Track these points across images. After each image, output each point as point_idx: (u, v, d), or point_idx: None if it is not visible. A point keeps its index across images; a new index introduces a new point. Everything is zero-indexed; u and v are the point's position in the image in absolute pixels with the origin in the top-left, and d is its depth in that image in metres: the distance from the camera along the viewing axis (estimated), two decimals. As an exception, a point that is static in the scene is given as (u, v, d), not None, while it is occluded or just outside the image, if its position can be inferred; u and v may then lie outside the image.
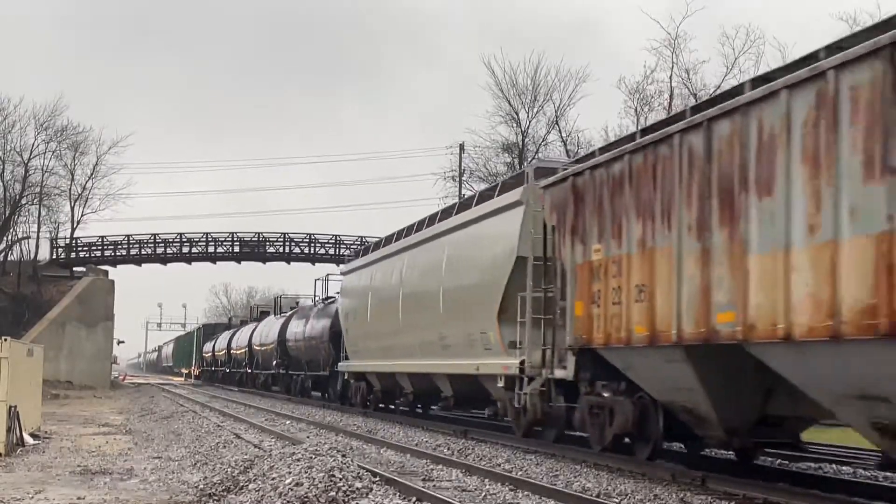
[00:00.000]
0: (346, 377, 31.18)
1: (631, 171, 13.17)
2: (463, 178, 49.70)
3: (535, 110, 49.95)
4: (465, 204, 22.21)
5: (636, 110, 43.50)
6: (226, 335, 64.53)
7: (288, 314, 45.06)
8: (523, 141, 49.91)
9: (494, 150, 50.40)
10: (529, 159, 46.52)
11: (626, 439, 14.50)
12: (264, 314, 57.35)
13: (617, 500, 10.90)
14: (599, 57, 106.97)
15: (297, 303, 49.76)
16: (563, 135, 48.77)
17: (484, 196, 20.87)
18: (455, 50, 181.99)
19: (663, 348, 12.21)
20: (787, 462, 14.36)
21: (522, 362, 16.99)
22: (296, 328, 40.55)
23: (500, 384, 18.26)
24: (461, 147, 50.18)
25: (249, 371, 53.39)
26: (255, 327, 52.59)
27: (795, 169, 9.77)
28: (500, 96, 49.94)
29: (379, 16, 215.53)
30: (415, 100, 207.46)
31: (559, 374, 15.56)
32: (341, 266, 34.26)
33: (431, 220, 23.96)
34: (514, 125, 50.05)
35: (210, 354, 70.05)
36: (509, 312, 17.82)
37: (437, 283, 21.99)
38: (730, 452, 15.05)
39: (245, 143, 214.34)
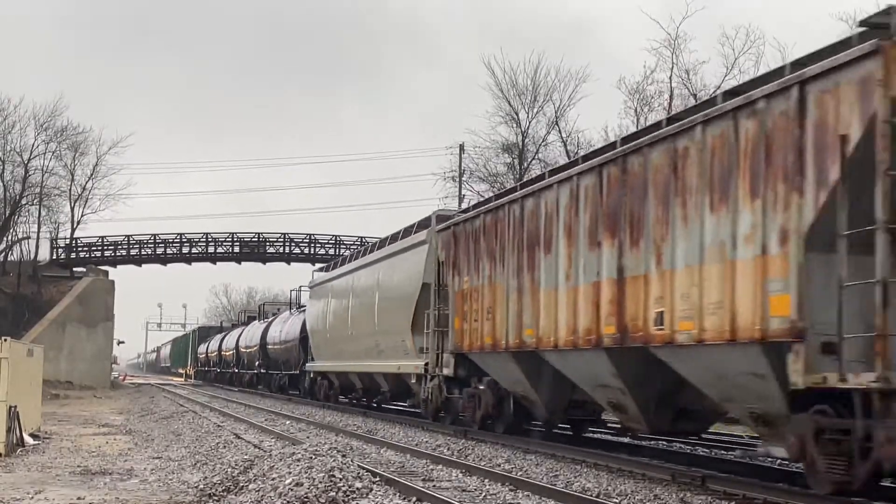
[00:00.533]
0: (311, 375, 36.43)
1: (484, 226, 18.57)
2: (463, 179, 49.72)
3: (535, 111, 49.99)
4: (394, 237, 27.21)
5: (636, 110, 43.52)
6: (218, 338, 68.32)
7: (269, 320, 49.66)
8: (523, 141, 49.93)
9: (494, 150, 50.39)
10: (529, 159, 46.64)
11: (489, 420, 19.42)
12: (251, 319, 61.05)
13: (617, 501, 10.89)
14: (599, 57, 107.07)
15: (279, 309, 53.31)
16: (563, 135, 48.80)
17: (406, 232, 25.88)
18: (455, 50, 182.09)
19: (501, 353, 17.50)
20: (787, 462, 14.36)
21: (426, 363, 21.91)
22: (274, 332, 45.46)
23: (414, 380, 23.49)
24: (461, 147, 50.19)
25: (237, 371, 57.84)
26: (242, 331, 57.17)
27: (561, 237, 15.08)
28: (500, 96, 49.98)
29: (379, 16, 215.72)
30: (415, 100, 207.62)
31: (446, 372, 20.80)
32: (309, 281, 39.02)
33: (373, 247, 29.56)
34: (514, 125, 50.08)
35: (204, 355, 73.86)
36: (419, 325, 22.71)
37: (372, 301, 27.35)
38: (730, 454, 15.17)
39: (245, 143, 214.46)
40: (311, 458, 12.11)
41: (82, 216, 64.14)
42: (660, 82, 43.02)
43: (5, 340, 16.32)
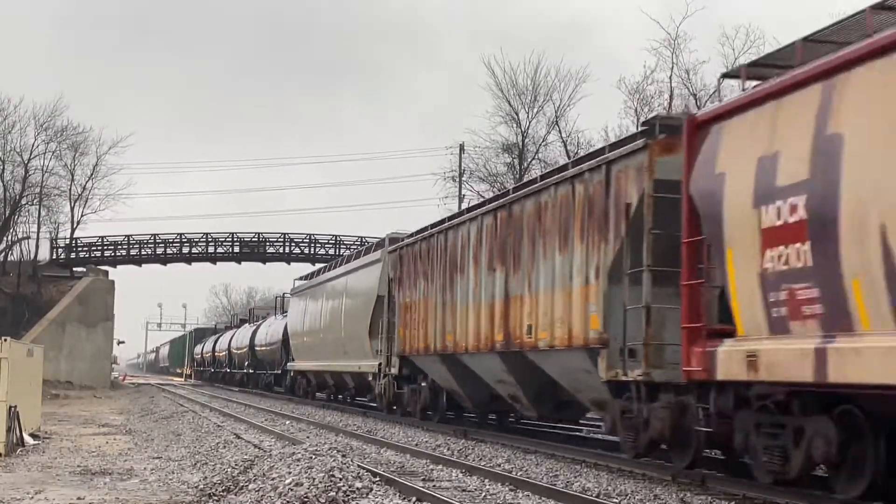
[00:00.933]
0: (292, 374, 40.84)
1: (420, 250, 22.80)
2: (463, 179, 49.72)
3: (535, 111, 49.98)
4: (357, 254, 32.08)
5: (636, 110, 43.49)
6: (212, 339, 72.07)
7: (258, 323, 53.84)
8: (523, 141, 49.92)
9: (494, 150, 50.36)
10: (529, 159, 46.63)
11: (429, 412, 23.37)
12: (243, 322, 65.48)
13: (617, 501, 10.90)
14: (598, 58, 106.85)
15: (268, 313, 57.21)
16: (563, 135, 48.80)
17: (367, 251, 30.42)
18: (454, 50, 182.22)
19: (432, 355, 21.66)
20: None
21: (380, 364, 26.16)
22: (261, 335, 49.42)
23: (371, 378, 27.54)
24: (461, 147, 50.18)
25: (228, 371, 61.97)
26: (234, 333, 61.17)
27: (470, 263, 19.49)
28: (500, 96, 49.98)
29: (378, 16, 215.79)
30: (415, 100, 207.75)
31: (393, 371, 24.98)
32: (290, 290, 43.62)
33: (341, 262, 33.87)
34: (514, 125, 50.06)
35: (199, 356, 77.75)
36: (375, 331, 26.90)
37: (339, 309, 31.57)
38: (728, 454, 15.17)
39: (245, 144, 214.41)
40: (310, 458, 12.11)
41: (82, 216, 64.13)
42: (660, 82, 43.06)
43: (5, 340, 16.31)
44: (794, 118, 9.98)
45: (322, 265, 39.22)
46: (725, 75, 13.99)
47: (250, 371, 52.99)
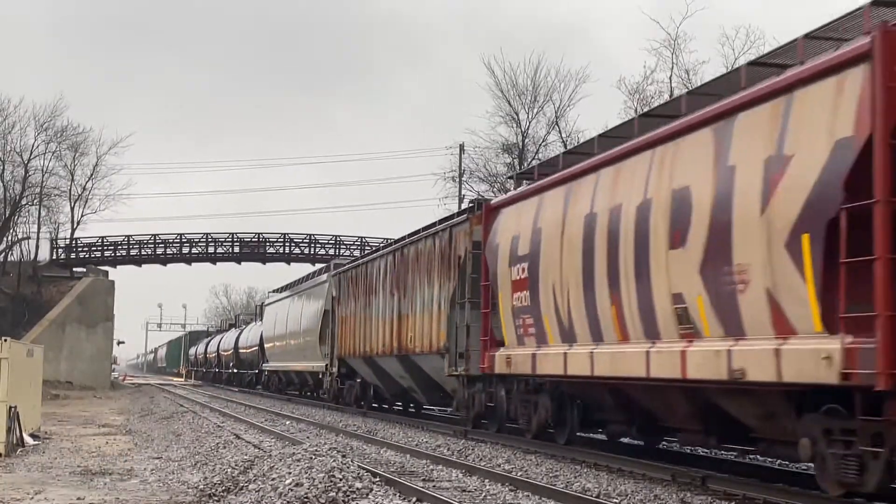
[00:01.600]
0: (266, 373, 47.42)
1: (352, 276, 29.88)
2: (463, 179, 49.71)
3: (536, 111, 50.01)
4: (311, 275, 39.64)
5: (636, 111, 43.47)
6: (205, 341, 78.12)
7: (242, 328, 60.94)
8: (523, 141, 49.92)
9: (494, 150, 50.36)
10: (529, 160, 46.56)
11: (362, 402, 29.66)
12: (231, 326, 73.09)
13: (617, 501, 10.89)
14: (595, 60, 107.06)
15: (251, 319, 62.90)
16: (564, 135, 48.80)
17: (319, 272, 37.56)
18: (453, 53, 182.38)
19: (358, 358, 28.50)
20: (787, 462, 14.36)
21: (326, 365, 32.76)
22: (244, 339, 56.19)
23: (321, 376, 34.37)
24: (461, 147, 50.19)
25: (217, 370, 68.54)
26: (223, 337, 67.62)
27: (381, 288, 26.26)
28: (500, 97, 50.00)
29: (376, 20, 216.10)
30: (415, 101, 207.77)
31: (334, 370, 31.80)
32: (265, 299, 51.12)
33: (301, 280, 40.79)
34: (514, 125, 50.08)
35: (193, 357, 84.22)
36: (324, 337, 33.15)
37: (299, 319, 37.83)
38: (731, 454, 15.17)
39: (245, 144, 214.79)
40: (311, 458, 12.11)
41: (82, 216, 64.13)
42: (660, 82, 43.06)
43: (5, 341, 16.31)
44: (523, 215, 17.15)
45: (291, 281, 44.90)
46: (520, 175, 20.59)
47: (235, 371, 60.21)
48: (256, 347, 49.74)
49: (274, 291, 48.18)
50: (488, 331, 18.21)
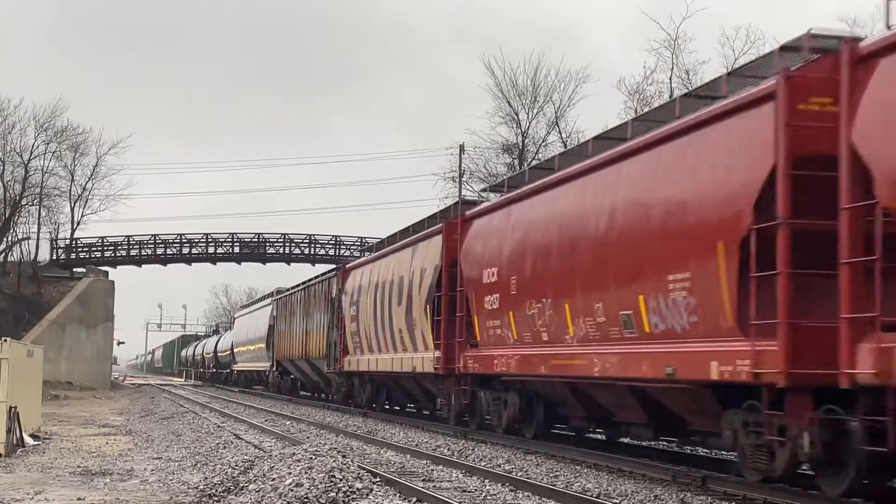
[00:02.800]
0: (235, 372, 58.92)
1: (281, 302, 42.20)
2: (463, 179, 49.70)
3: (536, 111, 50.02)
4: (261, 298, 53.30)
5: (636, 111, 43.46)
6: (193, 345, 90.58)
7: (221, 335, 74.54)
8: (523, 142, 49.92)
9: (494, 150, 50.33)
10: (529, 160, 46.53)
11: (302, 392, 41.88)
12: (214, 332, 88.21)
13: (617, 501, 10.89)
14: (598, 60, 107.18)
15: (229, 327, 74.66)
16: (564, 136, 48.79)
17: (263, 298, 51.19)
18: (450, 56, 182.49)
19: (287, 360, 40.47)
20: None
21: (270, 365, 44.61)
22: (220, 345, 67.67)
23: (266, 373, 47.13)
24: (461, 148, 50.17)
25: (202, 370, 79.38)
26: (206, 341, 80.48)
27: (296, 311, 38.87)
28: (500, 97, 50.00)
29: (375, 25, 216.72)
30: (416, 102, 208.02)
31: (274, 369, 43.64)
32: (236, 313, 66.66)
33: (253, 302, 57.56)
34: (515, 126, 50.08)
35: (184, 358, 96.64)
36: (269, 346, 44.41)
37: (255, 331, 49.19)
38: (731, 454, 15.18)
39: (245, 145, 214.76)
40: (311, 458, 12.10)
41: (82, 216, 64.09)
42: (660, 83, 43.06)
43: (5, 341, 16.31)
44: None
45: (256, 298, 60.03)
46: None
47: (214, 370, 71.75)
48: (229, 351, 60.47)
49: (241, 307, 66.08)
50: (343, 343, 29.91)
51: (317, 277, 36.19)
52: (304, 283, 38.39)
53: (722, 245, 11.14)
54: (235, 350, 56.36)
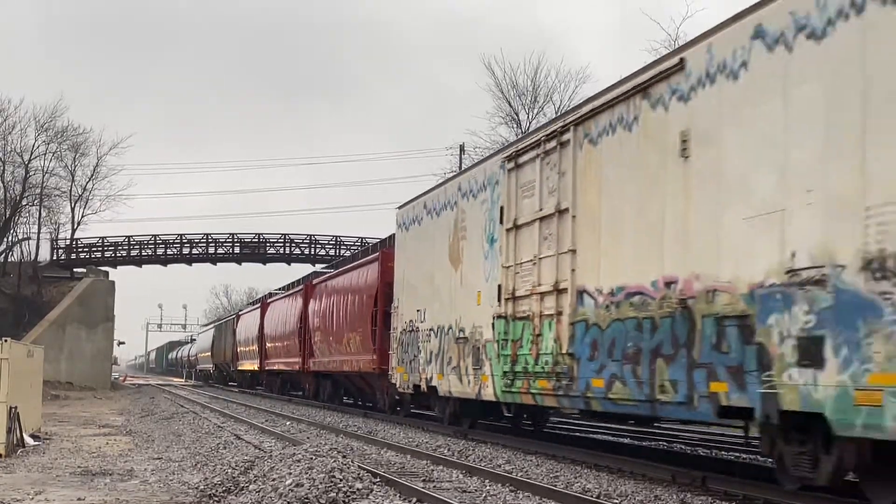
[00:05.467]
0: (198, 370, 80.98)
1: (233, 321, 59.88)
2: (463, 179, 49.77)
3: (536, 111, 50.01)
4: (227, 315, 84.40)
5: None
6: (177, 350, 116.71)
7: (192, 343, 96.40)
8: (523, 142, 49.89)
9: (495, 150, 50.37)
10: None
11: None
12: (193, 340, 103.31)
13: (617, 501, 10.89)
14: (596, 62, 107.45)
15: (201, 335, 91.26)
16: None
17: (229, 315, 75.25)
18: (449, 61, 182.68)
19: (219, 363, 65.50)
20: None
21: (212, 366, 69.64)
22: (192, 350, 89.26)
23: (211, 371, 71.79)
24: (461, 148, 50.19)
25: (181, 369, 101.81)
26: (184, 347, 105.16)
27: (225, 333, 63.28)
28: (500, 97, 50.05)
29: (373, 31, 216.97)
30: (413, 104, 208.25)
31: (215, 370, 70.01)
32: (199, 331, 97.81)
33: (220, 319, 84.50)
34: (515, 126, 50.07)
35: (170, 359, 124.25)
36: (215, 353, 66.03)
37: (205, 343, 71.56)
38: (731, 454, 15.16)
39: (246, 146, 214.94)
40: (311, 458, 12.11)
41: (83, 217, 64.19)
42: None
43: (5, 341, 16.31)
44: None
45: (225, 314, 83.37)
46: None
47: (187, 369, 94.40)
48: (196, 355, 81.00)
49: (202, 326, 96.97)
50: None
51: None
52: (228, 315, 66.92)
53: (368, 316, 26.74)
54: (200, 355, 78.40)
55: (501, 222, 16.56)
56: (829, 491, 10.15)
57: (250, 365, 50.11)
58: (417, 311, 21.54)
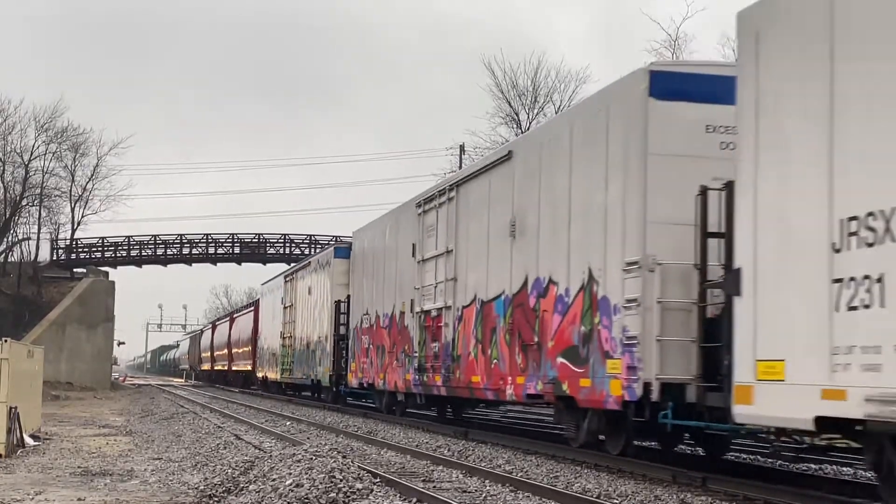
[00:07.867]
0: (181, 368, 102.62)
1: (212, 331, 76.28)
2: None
3: (536, 111, 50.03)
4: (201, 327, 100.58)
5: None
6: (167, 353, 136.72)
7: (178, 348, 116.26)
8: (523, 142, 49.89)
9: (495, 150, 50.36)
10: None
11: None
12: (181, 343, 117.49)
13: (617, 501, 10.89)
14: (596, 61, 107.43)
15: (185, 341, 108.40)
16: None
17: (195, 331, 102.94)
18: (449, 60, 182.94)
19: (197, 366, 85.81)
20: (787, 463, 14.37)
21: (187, 367, 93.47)
22: (178, 353, 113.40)
23: (190, 369, 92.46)
24: (461, 148, 50.20)
25: (171, 369, 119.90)
26: (171, 351, 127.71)
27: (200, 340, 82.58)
28: (500, 97, 50.05)
29: (371, 36, 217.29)
30: (397, 111, 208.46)
31: (191, 370, 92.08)
32: (180, 339, 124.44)
33: (196, 330, 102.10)
34: (515, 126, 50.07)
35: (162, 361, 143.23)
36: (189, 355, 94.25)
37: (186, 348, 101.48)
38: (731, 454, 15.16)
39: (247, 146, 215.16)
40: (311, 459, 12.10)
41: (83, 217, 64.21)
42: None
43: (5, 341, 16.30)
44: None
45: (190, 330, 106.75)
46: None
47: (176, 369, 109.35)
48: (182, 357, 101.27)
49: (183, 335, 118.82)
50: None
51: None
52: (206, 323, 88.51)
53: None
54: (182, 357, 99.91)
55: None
56: (836, 492, 10.14)
57: (222, 366, 65.59)
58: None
